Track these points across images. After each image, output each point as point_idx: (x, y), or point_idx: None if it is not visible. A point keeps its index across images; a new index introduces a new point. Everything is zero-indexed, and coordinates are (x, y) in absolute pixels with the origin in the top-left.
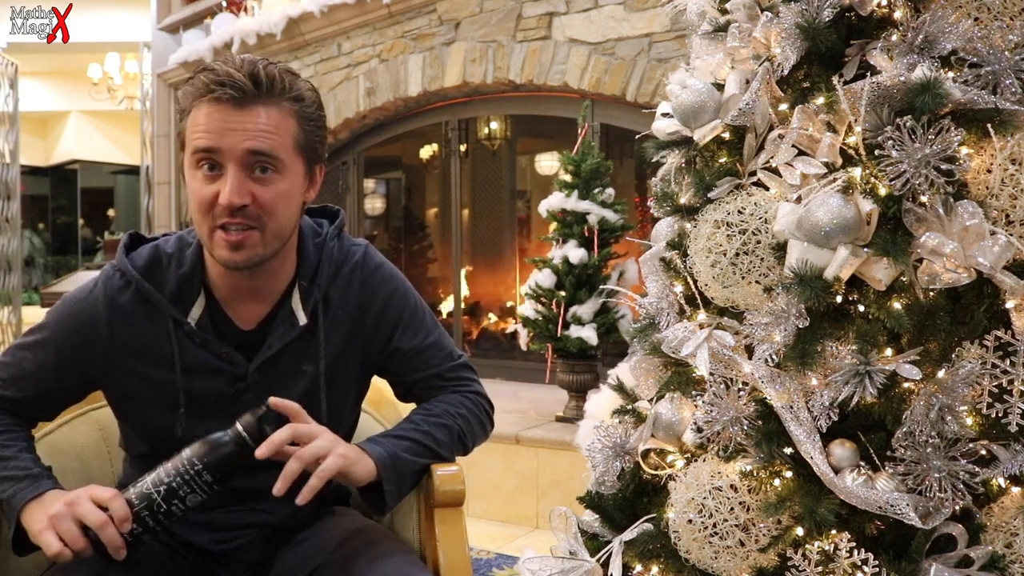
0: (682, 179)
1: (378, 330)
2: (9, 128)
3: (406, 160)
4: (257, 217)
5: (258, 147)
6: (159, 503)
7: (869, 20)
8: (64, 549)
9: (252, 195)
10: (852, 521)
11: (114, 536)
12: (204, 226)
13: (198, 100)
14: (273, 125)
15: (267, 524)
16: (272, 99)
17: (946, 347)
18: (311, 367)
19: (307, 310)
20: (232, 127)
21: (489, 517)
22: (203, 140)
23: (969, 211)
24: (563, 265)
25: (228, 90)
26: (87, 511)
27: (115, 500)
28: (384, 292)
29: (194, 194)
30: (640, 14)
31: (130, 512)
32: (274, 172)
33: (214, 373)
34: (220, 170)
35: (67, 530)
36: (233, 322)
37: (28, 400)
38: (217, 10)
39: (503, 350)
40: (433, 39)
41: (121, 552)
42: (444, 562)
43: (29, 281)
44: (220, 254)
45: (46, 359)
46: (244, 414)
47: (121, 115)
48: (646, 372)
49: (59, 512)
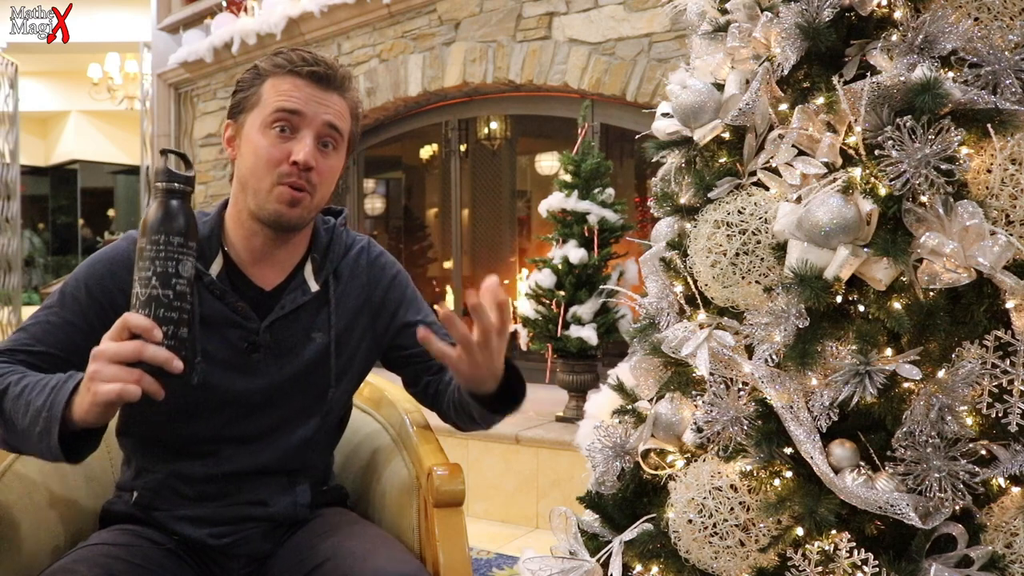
0: (682, 179)
1: (384, 305)
2: (9, 128)
3: (406, 160)
4: (314, 184)
5: (334, 122)
6: (163, 293)
7: (869, 20)
8: (125, 387)
9: (317, 161)
10: (852, 521)
11: (157, 351)
12: (266, 180)
13: (287, 72)
14: (343, 111)
15: (266, 517)
16: (343, 91)
17: (946, 347)
18: (320, 335)
19: (319, 280)
20: (317, 99)
21: (489, 517)
22: (291, 102)
23: (969, 211)
24: (563, 265)
25: (319, 70)
26: (117, 349)
27: (129, 320)
28: (389, 272)
29: (263, 150)
30: (640, 14)
31: (149, 320)
32: (333, 149)
33: (229, 326)
34: (293, 134)
35: (112, 373)
36: (250, 281)
37: (53, 356)
38: (217, 10)
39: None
40: (433, 39)
41: (174, 362)
42: (444, 562)
43: (29, 281)
44: (276, 207)
45: (76, 306)
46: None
47: (121, 115)
48: (646, 372)
49: (93, 370)
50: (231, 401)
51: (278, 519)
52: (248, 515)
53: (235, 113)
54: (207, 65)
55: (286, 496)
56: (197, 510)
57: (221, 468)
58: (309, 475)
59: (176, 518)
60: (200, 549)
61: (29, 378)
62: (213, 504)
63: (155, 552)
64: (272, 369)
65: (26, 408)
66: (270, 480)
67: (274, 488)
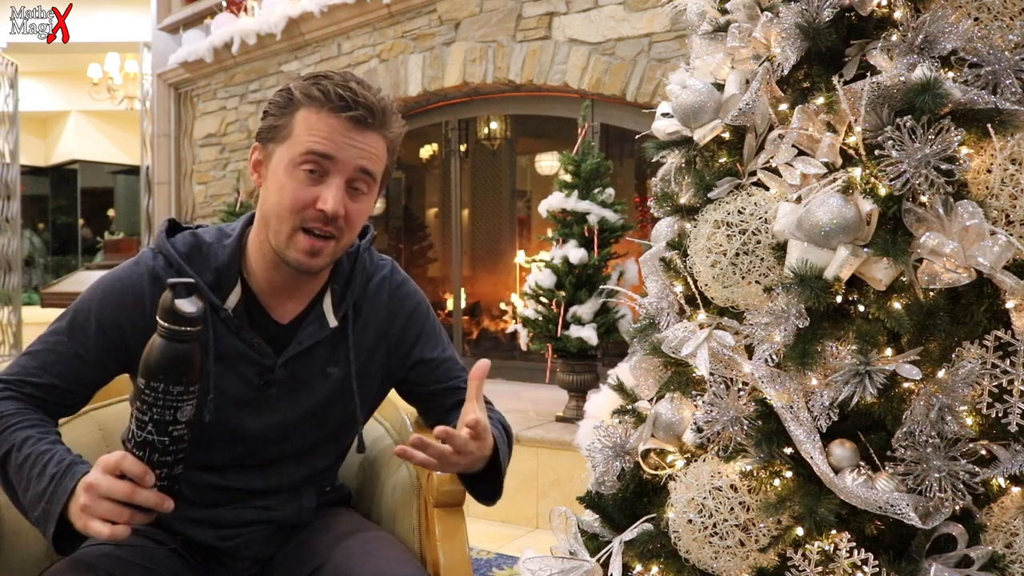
0: (682, 179)
1: (402, 340)
2: (9, 128)
3: (406, 160)
4: (340, 229)
5: (368, 167)
6: (159, 440)
7: (869, 20)
8: (116, 528)
9: (345, 208)
10: (852, 521)
11: (147, 497)
12: (287, 224)
13: (323, 107)
14: (379, 151)
15: (271, 521)
16: (383, 128)
17: (946, 347)
18: (336, 370)
19: (338, 314)
20: (352, 143)
21: (489, 517)
22: (322, 146)
23: (969, 211)
24: (563, 265)
25: (359, 111)
26: (109, 488)
27: (124, 462)
28: (409, 305)
29: (289, 192)
30: (640, 14)
31: (144, 465)
32: (364, 193)
33: (244, 363)
34: (322, 177)
35: (106, 510)
36: (268, 314)
37: (58, 388)
38: (217, 10)
39: (503, 350)
40: (433, 39)
41: (166, 503)
42: (444, 562)
43: (29, 281)
44: (295, 256)
45: (85, 338)
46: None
47: (121, 115)
48: (646, 372)
49: (86, 502)
50: (243, 438)
51: (284, 523)
52: (254, 519)
53: (264, 139)
54: (207, 65)
55: (292, 503)
56: (203, 513)
57: (228, 483)
58: (315, 484)
59: (182, 520)
60: (205, 550)
61: (31, 446)
62: (220, 508)
63: (159, 553)
64: (285, 405)
65: (27, 485)
66: (277, 493)
67: (281, 498)
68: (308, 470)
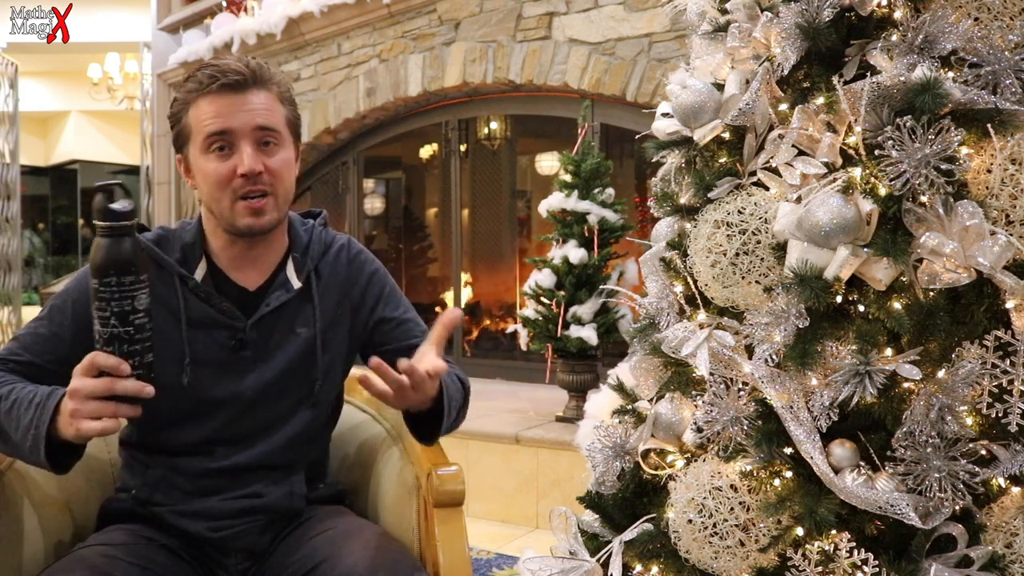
0: (682, 179)
1: (363, 301)
2: (9, 128)
3: (406, 160)
4: (270, 183)
5: (264, 123)
6: (124, 331)
7: (869, 20)
8: (105, 423)
9: (263, 164)
10: (852, 521)
11: (127, 385)
12: (225, 200)
13: (200, 95)
14: (269, 105)
15: (262, 509)
16: (263, 84)
17: (946, 347)
18: (305, 330)
19: (301, 278)
20: (239, 109)
21: (489, 517)
22: (215, 124)
23: (969, 211)
24: (563, 265)
25: (230, 77)
26: (91, 387)
27: (97, 358)
28: (368, 270)
29: (210, 174)
30: (640, 14)
31: (116, 357)
32: (276, 144)
33: (216, 327)
34: (231, 149)
35: (93, 409)
36: (234, 282)
37: (36, 365)
38: (217, 10)
39: (503, 350)
40: (433, 39)
41: (146, 389)
42: (444, 562)
43: (29, 281)
44: (244, 221)
45: (63, 319)
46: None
47: (121, 115)
48: (646, 372)
49: (74, 406)
50: (223, 403)
51: (275, 510)
52: (245, 508)
53: (178, 148)
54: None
55: (282, 487)
56: (195, 505)
57: (218, 463)
58: (303, 467)
59: (175, 513)
60: (199, 544)
61: (16, 392)
62: (211, 498)
63: (153, 550)
64: (260, 366)
65: (16, 423)
66: (266, 474)
67: (270, 480)
68: (292, 445)
